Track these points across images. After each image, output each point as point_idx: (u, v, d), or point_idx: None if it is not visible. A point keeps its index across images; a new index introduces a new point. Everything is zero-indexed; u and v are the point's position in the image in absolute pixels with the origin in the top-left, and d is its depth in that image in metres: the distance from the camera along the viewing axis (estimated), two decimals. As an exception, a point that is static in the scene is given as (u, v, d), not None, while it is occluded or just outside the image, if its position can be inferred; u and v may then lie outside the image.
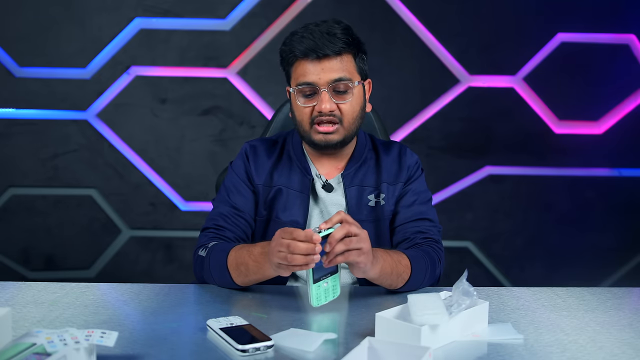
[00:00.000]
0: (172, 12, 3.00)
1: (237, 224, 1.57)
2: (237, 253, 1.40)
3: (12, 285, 1.44)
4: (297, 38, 1.50)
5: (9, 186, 3.07)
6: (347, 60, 1.51)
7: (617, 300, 1.43)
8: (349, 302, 1.39)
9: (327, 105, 1.48)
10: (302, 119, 1.53)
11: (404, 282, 1.41)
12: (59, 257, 3.12)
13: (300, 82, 1.50)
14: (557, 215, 3.22)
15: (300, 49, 1.49)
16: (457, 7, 3.08)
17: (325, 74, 1.48)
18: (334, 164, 1.61)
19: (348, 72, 1.50)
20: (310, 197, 1.58)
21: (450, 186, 3.15)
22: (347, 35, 1.50)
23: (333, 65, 1.49)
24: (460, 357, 1.11)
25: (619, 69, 3.15)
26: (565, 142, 3.17)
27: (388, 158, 1.63)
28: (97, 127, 3.05)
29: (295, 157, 1.62)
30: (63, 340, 0.97)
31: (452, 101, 3.13)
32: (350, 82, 1.50)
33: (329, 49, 1.47)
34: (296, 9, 3.03)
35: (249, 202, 1.60)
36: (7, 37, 2.98)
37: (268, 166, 1.61)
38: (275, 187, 1.59)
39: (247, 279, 1.40)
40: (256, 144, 1.65)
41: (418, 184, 1.63)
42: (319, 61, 1.48)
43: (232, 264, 1.40)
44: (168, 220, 3.12)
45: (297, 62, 1.51)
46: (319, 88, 1.49)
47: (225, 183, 1.63)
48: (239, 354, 1.07)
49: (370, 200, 1.58)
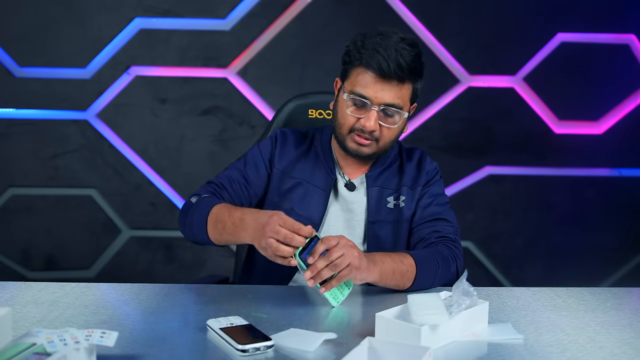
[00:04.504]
0: (172, 12, 3.00)
1: (239, 192, 1.59)
2: (219, 210, 1.41)
3: (12, 285, 1.44)
4: (370, 48, 1.47)
5: (9, 186, 3.06)
6: (406, 88, 1.51)
7: (617, 300, 1.43)
8: (349, 302, 1.39)
9: (373, 124, 1.49)
10: (344, 124, 1.54)
11: (410, 281, 1.42)
12: (59, 257, 3.12)
13: (355, 92, 1.50)
14: (557, 215, 3.22)
15: (369, 62, 1.47)
16: (457, 7, 3.08)
17: (382, 94, 1.48)
18: (359, 166, 1.63)
19: (402, 100, 1.50)
20: (331, 195, 1.60)
21: (450, 186, 3.15)
22: (416, 63, 1.49)
23: (392, 90, 1.48)
24: (460, 357, 1.11)
25: (619, 69, 3.14)
26: (565, 142, 3.17)
27: (410, 163, 1.67)
28: (97, 127, 3.05)
29: (322, 154, 1.64)
30: (63, 340, 0.97)
31: (452, 101, 3.13)
32: (401, 111, 1.51)
33: (395, 75, 1.46)
34: (296, 9, 3.03)
35: (261, 180, 1.62)
36: (7, 37, 2.97)
37: (293, 156, 1.63)
38: (296, 179, 1.61)
39: (220, 238, 1.41)
40: (287, 132, 1.68)
41: (436, 187, 1.66)
42: (381, 80, 1.48)
43: (212, 218, 1.41)
44: (168, 220, 3.12)
45: (361, 68, 1.50)
46: (370, 105, 1.49)
47: (247, 154, 1.65)
48: (239, 354, 1.07)
49: (389, 202, 1.61)
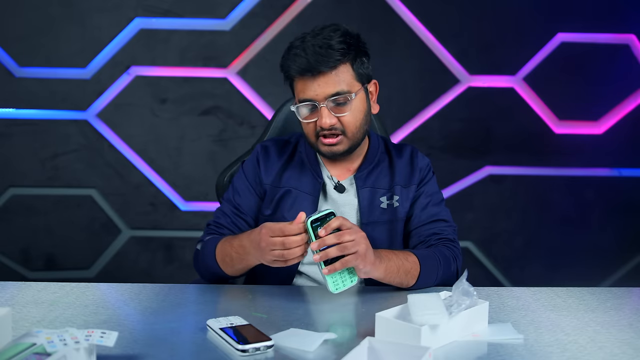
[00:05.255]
0: (172, 12, 3.00)
1: (236, 223, 1.61)
2: (222, 246, 1.48)
3: (12, 285, 1.44)
4: (291, 56, 1.49)
5: (9, 186, 3.06)
6: (343, 72, 1.48)
7: (617, 300, 1.43)
8: (349, 302, 1.39)
9: (327, 120, 1.48)
10: (308, 133, 1.55)
11: (414, 279, 1.42)
12: (59, 257, 3.12)
13: (300, 99, 1.51)
14: (557, 215, 3.22)
15: (294, 69, 1.48)
16: (457, 7, 3.08)
17: (322, 89, 1.47)
18: (346, 166, 1.62)
19: (345, 83, 1.48)
20: (320, 199, 1.59)
21: (450, 186, 3.15)
22: (344, 43, 1.47)
23: (329, 80, 1.47)
24: (460, 357, 1.11)
25: (619, 69, 3.14)
26: (565, 142, 3.17)
27: (401, 161, 1.64)
28: (97, 127, 3.05)
29: (307, 159, 1.63)
30: (63, 340, 0.97)
31: (452, 101, 3.13)
32: (348, 95, 1.49)
33: (322, 66, 1.45)
34: (296, 9, 3.03)
35: (252, 204, 1.63)
36: (7, 37, 2.97)
37: (278, 166, 1.63)
38: (284, 187, 1.60)
39: (233, 269, 1.47)
40: (268, 145, 1.67)
41: (430, 185, 1.65)
42: (314, 78, 1.47)
43: (219, 257, 1.48)
44: (168, 220, 3.12)
45: (296, 78, 1.51)
46: (317, 104, 1.49)
47: (234, 181, 1.67)
48: (239, 354, 1.07)
49: (382, 202, 1.59)
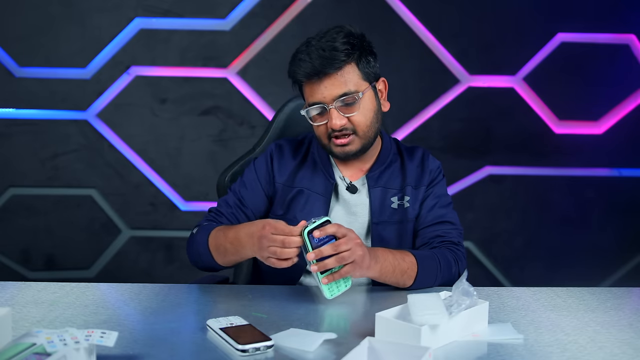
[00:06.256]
0: (172, 12, 3.00)
1: (236, 215, 1.62)
2: (216, 234, 1.48)
3: (12, 285, 1.44)
4: (297, 61, 1.51)
5: (9, 186, 3.06)
6: (349, 72, 1.50)
7: (617, 300, 1.43)
8: (349, 302, 1.39)
9: (337, 121, 1.50)
10: (320, 135, 1.56)
11: (411, 280, 1.43)
12: (59, 257, 3.12)
13: (309, 103, 1.53)
14: (557, 215, 3.22)
15: (301, 73, 1.50)
16: (457, 7, 3.08)
17: (329, 91, 1.49)
18: (359, 166, 1.63)
19: (352, 84, 1.50)
20: (332, 200, 1.60)
21: (451, 186, 3.15)
22: (348, 44, 1.49)
23: (335, 82, 1.49)
24: (460, 357, 1.11)
25: (619, 69, 3.14)
26: (565, 142, 3.17)
27: (412, 162, 1.65)
28: (97, 127, 3.05)
29: (320, 160, 1.64)
30: (63, 340, 0.97)
31: (452, 101, 3.13)
32: (355, 94, 1.50)
33: (327, 68, 1.47)
34: (296, 9, 3.03)
35: (256, 199, 1.64)
36: (7, 37, 2.97)
37: (291, 166, 1.64)
38: (297, 188, 1.61)
39: (227, 260, 1.48)
40: (283, 144, 1.68)
41: (439, 187, 1.65)
42: (320, 81, 1.49)
43: (212, 245, 1.48)
44: (168, 220, 3.12)
45: (303, 83, 1.53)
46: (326, 106, 1.50)
47: (243, 175, 1.67)
48: (239, 354, 1.07)
49: (393, 202, 1.60)
